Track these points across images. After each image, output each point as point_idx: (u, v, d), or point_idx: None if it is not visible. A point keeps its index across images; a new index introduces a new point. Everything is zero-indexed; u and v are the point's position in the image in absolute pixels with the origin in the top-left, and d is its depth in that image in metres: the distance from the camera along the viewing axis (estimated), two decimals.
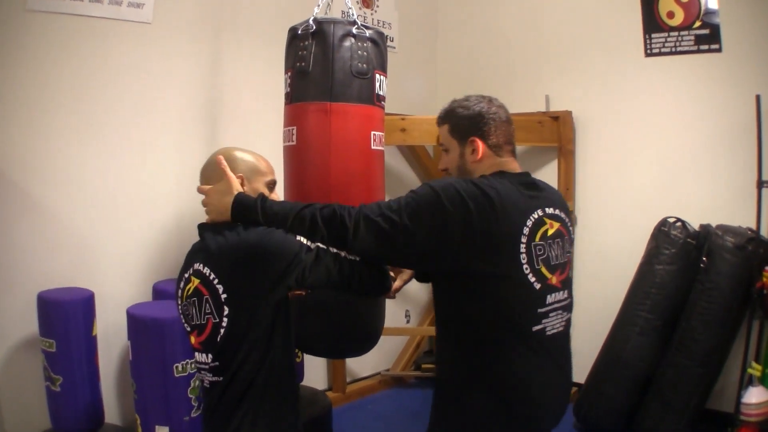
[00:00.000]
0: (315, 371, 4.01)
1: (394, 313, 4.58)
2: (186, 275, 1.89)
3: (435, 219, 1.75)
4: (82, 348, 2.76)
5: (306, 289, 1.89)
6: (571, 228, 2.06)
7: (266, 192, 1.94)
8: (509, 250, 1.79)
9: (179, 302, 1.93)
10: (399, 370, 4.54)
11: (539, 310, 1.85)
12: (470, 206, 1.74)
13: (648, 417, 3.49)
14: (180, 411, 2.68)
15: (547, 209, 1.92)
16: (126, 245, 3.20)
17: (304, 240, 1.80)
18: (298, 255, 1.76)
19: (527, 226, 1.82)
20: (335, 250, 1.84)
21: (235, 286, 1.77)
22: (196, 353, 1.88)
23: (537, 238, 1.84)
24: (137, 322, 2.82)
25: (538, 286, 1.83)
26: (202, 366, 1.86)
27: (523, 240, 1.80)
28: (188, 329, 1.90)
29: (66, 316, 2.72)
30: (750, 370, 3.27)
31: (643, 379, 3.54)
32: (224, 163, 1.90)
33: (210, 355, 1.82)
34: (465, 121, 1.99)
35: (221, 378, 1.81)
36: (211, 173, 1.95)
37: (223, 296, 1.77)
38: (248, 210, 1.84)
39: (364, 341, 2.48)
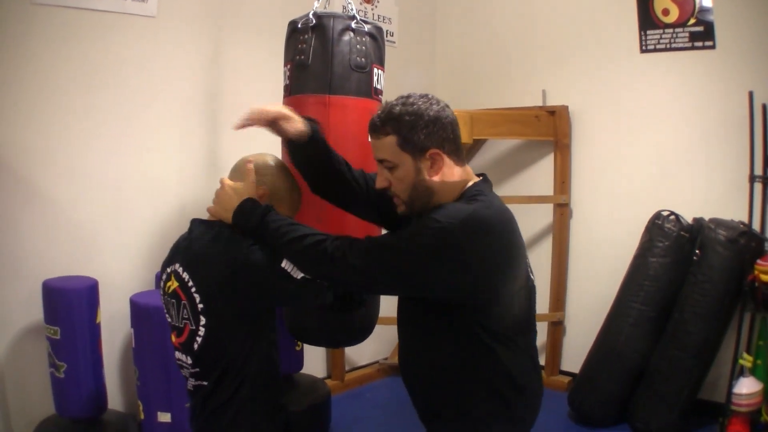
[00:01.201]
0: (314, 359, 4.01)
1: (392, 301, 4.60)
2: (168, 270, 1.86)
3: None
4: (86, 335, 2.77)
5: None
6: None
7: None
8: (523, 261, 1.76)
9: (161, 295, 1.91)
10: (397, 359, 4.51)
11: (534, 311, 1.84)
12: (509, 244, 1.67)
13: (641, 407, 3.50)
14: (182, 398, 2.68)
15: None
16: (129, 234, 3.21)
17: (287, 265, 1.70)
18: (279, 280, 1.70)
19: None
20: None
21: (212, 299, 1.72)
22: (177, 352, 1.86)
23: None
24: (140, 310, 2.84)
25: (533, 285, 1.83)
26: (183, 366, 1.84)
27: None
28: (169, 325, 1.89)
29: (70, 303, 2.74)
30: (741, 361, 3.29)
31: (637, 370, 3.56)
32: (252, 169, 1.85)
33: (189, 359, 1.80)
34: (420, 132, 1.66)
35: (204, 383, 1.78)
36: (237, 172, 1.91)
37: (200, 306, 1.74)
38: (248, 217, 1.74)
39: (359, 332, 2.49)
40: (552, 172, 4.18)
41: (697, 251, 3.47)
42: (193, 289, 1.75)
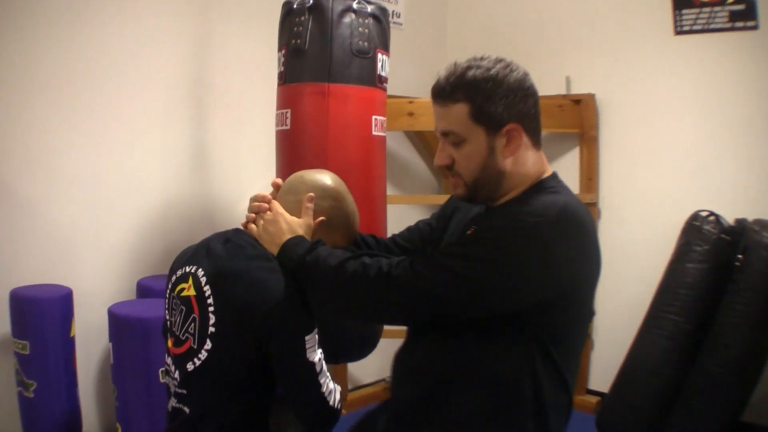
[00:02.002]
0: None
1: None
2: (186, 270, 1.79)
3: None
4: (59, 350, 2.76)
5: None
6: None
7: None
8: None
9: (168, 290, 1.84)
10: None
11: None
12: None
13: (676, 429, 3.47)
14: (165, 419, 2.67)
15: None
16: (108, 238, 3.20)
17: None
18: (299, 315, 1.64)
19: None
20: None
21: (225, 321, 1.67)
22: (169, 359, 1.81)
23: None
24: (120, 322, 2.82)
25: None
26: (170, 377, 1.80)
27: None
28: (166, 327, 1.84)
29: (41, 315, 2.72)
30: None
31: (672, 389, 3.52)
32: (311, 207, 1.72)
33: (178, 374, 1.75)
34: (499, 102, 1.51)
35: (187, 410, 1.73)
36: (291, 194, 1.76)
37: (211, 329, 1.68)
38: (291, 255, 1.61)
39: (362, 346, 2.48)
40: (578, 168, 4.16)
41: (739, 256, 3.43)
42: (211, 308, 1.69)
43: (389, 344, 2.70)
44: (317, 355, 1.68)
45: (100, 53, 3.15)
